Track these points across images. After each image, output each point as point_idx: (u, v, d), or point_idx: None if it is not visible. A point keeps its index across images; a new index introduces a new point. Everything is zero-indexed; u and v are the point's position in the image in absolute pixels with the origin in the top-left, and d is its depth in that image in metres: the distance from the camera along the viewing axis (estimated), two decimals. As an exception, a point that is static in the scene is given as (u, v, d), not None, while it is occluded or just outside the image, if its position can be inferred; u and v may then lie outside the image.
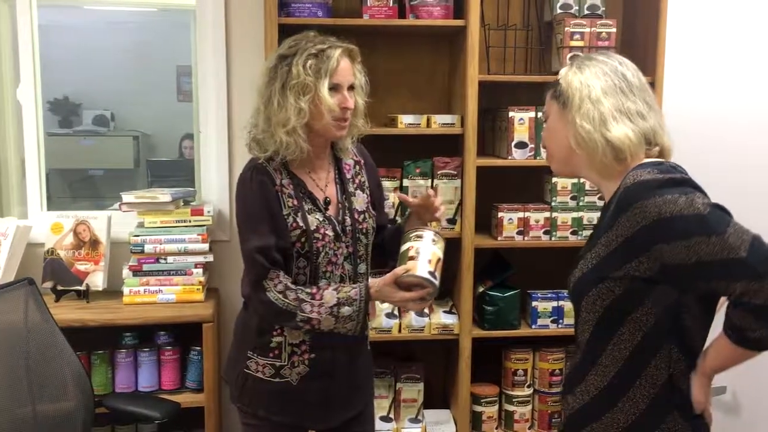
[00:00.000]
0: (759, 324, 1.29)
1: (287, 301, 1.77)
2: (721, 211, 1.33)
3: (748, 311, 1.29)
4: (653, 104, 1.51)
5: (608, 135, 1.45)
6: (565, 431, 1.59)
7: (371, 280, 1.81)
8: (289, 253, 1.81)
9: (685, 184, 1.38)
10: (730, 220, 1.31)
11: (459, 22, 2.49)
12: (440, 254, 1.78)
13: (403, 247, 1.78)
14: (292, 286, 1.79)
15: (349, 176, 1.95)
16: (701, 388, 1.43)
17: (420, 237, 1.77)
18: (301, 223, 1.81)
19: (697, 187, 1.38)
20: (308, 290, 1.79)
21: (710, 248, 1.29)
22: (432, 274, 1.74)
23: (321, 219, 1.84)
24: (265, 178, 1.81)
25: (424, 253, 1.74)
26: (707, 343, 1.45)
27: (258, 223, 1.79)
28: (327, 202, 1.88)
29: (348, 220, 1.89)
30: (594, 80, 1.49)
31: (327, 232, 1.84)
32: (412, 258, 1.74)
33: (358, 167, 1.98)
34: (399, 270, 1.74)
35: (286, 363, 1.86)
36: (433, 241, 1.78)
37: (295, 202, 1.82)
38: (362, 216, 1.92)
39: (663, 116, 1.53)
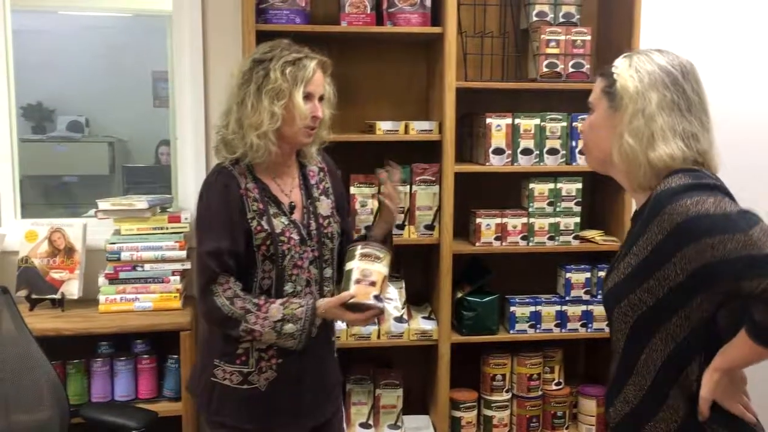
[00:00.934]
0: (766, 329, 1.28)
1: (233, 308, 1.78)
2: (753, 212, 1.32)
3: (762, 314, 1.27)
4: (707, 123, 1.47)
5: (651, 155, 1.42)
6: None
7: (319, 300, 1.82)
8: (252, 258, 1.83)
9: (715, 189, 1.36)
10: (759, 220, 1.30)
11: (436, 30, 2.50)
12: (385, 271, 1.81)
13: (348, 266, 1.81)
14: (241, 294, 1.80)
15: (313, 182, 1.97)
16: (710, 383, 1.39)
17: (365, 256, 1.80)
18: (266, 227, 1.82)
19: (728, 194, 1.37)
20: (255, 301, 1.79)
21: (735, 245, 1.28)
22: (377, 297, 1.77)
23: (286, 223, 1.86)
24: (230, 182, 1.83)
25: (368, 275, 1.77)
26: None
27: (213, 227, 1.82)
28: (292, 207, 1.90)
29: (313, 225, 1.91)
30: (652, 92, 1.43)
31: (292, 235, 1.85)
32: (357, 281, 1.77)
33: (322, 174, 2.01)
34: (345, 296, 1.77)
35: (253, 369, 1.85)
36: (377, 258, 1.80)
37: (260, 206, 1.84)
38: (327, 221, 1.95)
39: (713, 134, 1.49)
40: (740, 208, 1.33)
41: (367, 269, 1.77)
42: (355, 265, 1.79)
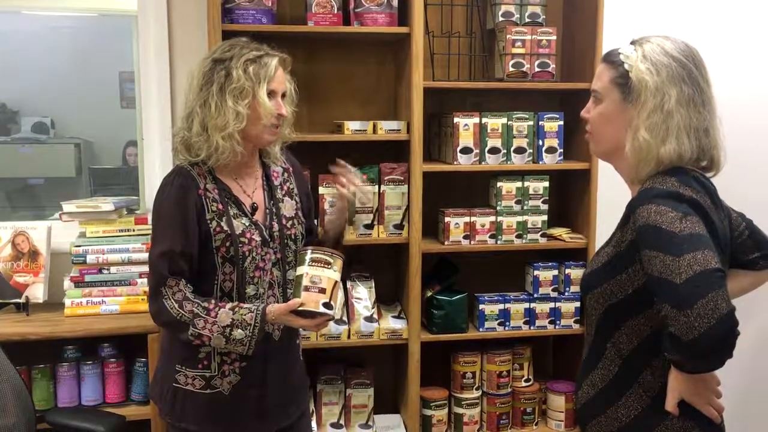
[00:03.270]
0: (672, 349, 1.29)
1: (182, 312, 1.75)
2: (702, 241, 1.29)
3: (666, 335, 1.29)
4: (715, 114, 1.46)
5: (661, 150, 1.42)
6: (577, 424, 1.60)
7: (270, 306, 1.78)
8: (212, 260, 1.80)
9: (688, 202, 1.35)
10: (701, 248, 1.27)
11: (403, 29, 2.51)
12: (336, 277, 1.76)
13: (298, 271, 1.77)
14: (191, 297, 1.76)
15: (277, 183, 1.95)
16: (671, 400, 1.41)
17: (315, 262, 1.75)
18: (225, 227, 1.80)
19: (699, 210, 1.35)
20: (205, 305, 1.76)
21: (660, 265, 1.28)
22: (327, 305, 1.74)
23: (247, 224, 1.84)
24: (188, 182, 1.80)
25: (317, 282, 1.73)
26: None
27: (166, 228, 1.79)
28: (254, 208, 1.88)
29: (276, 226, 1.89)
30: (671, 88, 1.42)
31: (254, 236, 1.83)
32: (306, 288, 1.73)
33: (286, 174, 2.00)
34: (293, 303, 1.73)
35: (216, 373, 1.83)
36: (327, 264, 1.76)
37: (220, 207, 1.81)
38: (290, 222, 1.93)
39: (720, 128, 1.49)
40: (695, 231, 1.30)
41: (317, 275, 1.74)
42: (305, 271, 1.75)
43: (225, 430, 1.86)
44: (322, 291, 1.73)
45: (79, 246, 2.52)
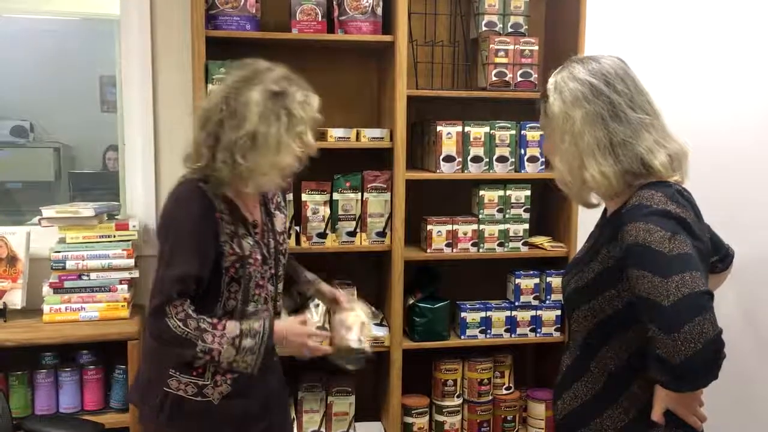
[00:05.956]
0: (658, 370, 1.30)
1: (187, 329, 1.72)
2: (690, 262, 1.29)
3: (653, 356, 1.30)
4: (647, 117, 1.45)
5: (585, 175, 1.43)
6: None
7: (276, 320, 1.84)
8: (218, 280, 1.79)
9: (676, 220, 1.35)
10: (691, 269, 1.28)
11: (387, 38, 2.52)
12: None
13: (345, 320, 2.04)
14: (194, 315, 1.74)
15: (269, 197, 1.97)
16: (657, 410, 1.42)
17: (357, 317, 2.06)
18: (237, 250, 1.79)
19: (686, 227, 1.36)
20: (209, 320, 1.75)
21: (648, 286, 1.29)
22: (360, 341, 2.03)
23: (252, 243, 1.84)
24: (206, 203, 1.77)
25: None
26: None
27: (185, 251, 1.74)
28: (255, 225, 1.88)
29: (272, 243, 1.91)
30: (574, 110, 1.44)
31: (257, 256, 1.84)
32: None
33: (276, 190, 2.00)
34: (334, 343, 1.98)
35: (209, 382, 1.82)
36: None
37: (232, 228, 1.80)
38: (282, 237, 1.95)
39: (663, 126, 1.47)
40: (683, 251, 1.30)
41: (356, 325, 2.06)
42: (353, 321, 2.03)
43: None
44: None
45: (59, 251, 2.49)
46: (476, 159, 2.64)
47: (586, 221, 2.56)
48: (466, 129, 2.62)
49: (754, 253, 2.41)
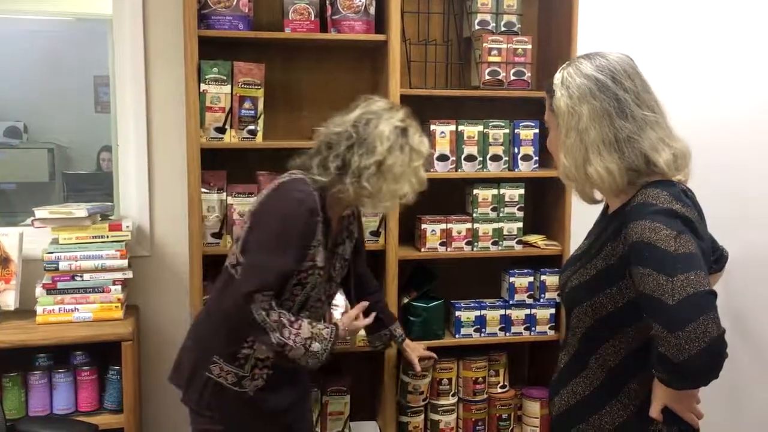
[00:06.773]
0: (660, 368, 1.31)
1: (268, 320, 1.83)
2: (695, 261, 1.29)
3: (655, 354, 1.30)
4: (652, 114, 1.45)
5: (589, 170, 1.43)
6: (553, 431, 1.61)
7: (339, 323, 2.02)
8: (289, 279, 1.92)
9: (681, 219, 1.35)
10: (696, 268, 1.28)
11: (380, 37, 2.52)
12: None
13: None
14: (276, 308, 1.86)
15: (346, 223, 2.09)
16: (656, 407, 1.42)
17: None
18: (317, 259, 1.91)
19: (690, 226, 1.36)
20: (289, 317, 1.87)
21: (653, 284, 1.29)
22: None
23: (326, 257, 1.97)
24: (315, 208, 1.88)
25: None
26: None
27: (290, 247, 1.86)
28: (335, 244, 2.03)
29: (337, 265, 2.05)
30: (583, 105, 1.44)
31: (324, 272, 1.97)
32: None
33: (351, 218, 2.12)
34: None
35: (248, 374, 1.94)
36: None
37: (321, 239, 1.92)
38: (344, 263, 2.10)
39: (668, 125, 1.47)
40: (688, 250, 1.30)
41: None
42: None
43: (247, 427, 1.99)
44: None
45: (52, 252, 2.49)
46: (470, 158, 2.64)
47: (580, 219, 2.57)
48: (460, 128, 2.62)
49: (743, 253, 2.41)
